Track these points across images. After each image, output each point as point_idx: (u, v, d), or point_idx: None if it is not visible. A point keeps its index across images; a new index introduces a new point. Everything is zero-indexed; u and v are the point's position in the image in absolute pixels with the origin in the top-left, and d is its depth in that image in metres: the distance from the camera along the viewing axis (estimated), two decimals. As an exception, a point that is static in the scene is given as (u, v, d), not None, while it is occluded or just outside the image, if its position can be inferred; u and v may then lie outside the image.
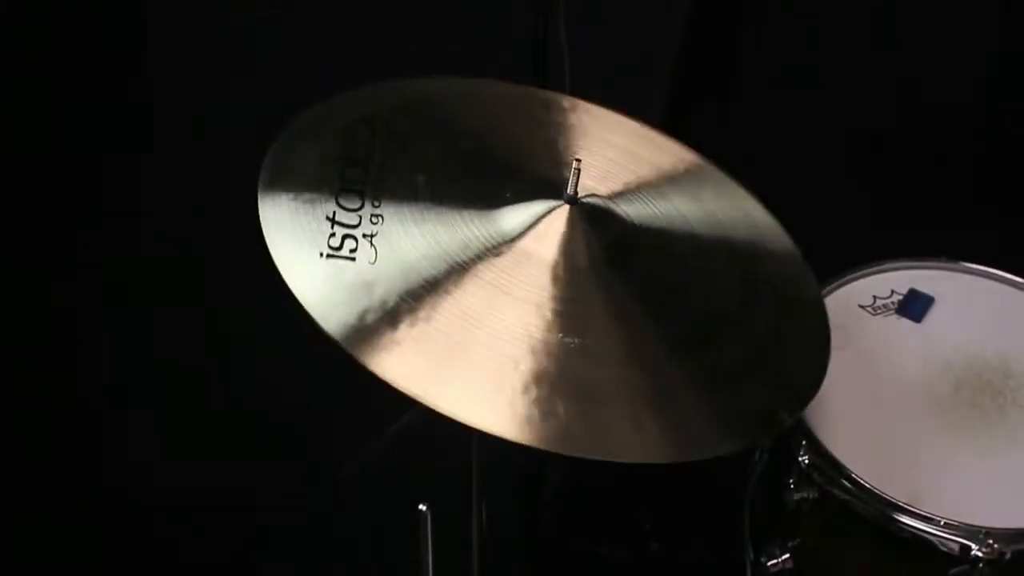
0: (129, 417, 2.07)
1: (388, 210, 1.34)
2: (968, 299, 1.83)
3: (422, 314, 1.25)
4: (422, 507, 1.41)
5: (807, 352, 1.41)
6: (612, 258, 1.36)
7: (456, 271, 1.29)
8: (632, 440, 1.23)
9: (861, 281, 1.84)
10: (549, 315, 1.29)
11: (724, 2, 2.59)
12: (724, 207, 1.52)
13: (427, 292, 1.27)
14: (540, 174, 1.43)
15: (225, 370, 2.18)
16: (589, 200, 1.40)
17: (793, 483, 1.64)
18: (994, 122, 2.36)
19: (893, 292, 1.83)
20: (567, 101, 1.58)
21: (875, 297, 1.82)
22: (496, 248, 1.33)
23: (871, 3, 2.43)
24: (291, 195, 1.33)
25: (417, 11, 2.15)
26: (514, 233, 1.34)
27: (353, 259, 1.28)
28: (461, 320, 1.26)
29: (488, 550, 1.64)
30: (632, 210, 1.45)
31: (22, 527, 2.02)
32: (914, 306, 1.81)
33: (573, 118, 1.55)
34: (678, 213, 1.47)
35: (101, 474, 2.06)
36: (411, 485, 2.12)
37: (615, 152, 1.51)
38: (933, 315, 1.81)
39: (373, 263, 1.28)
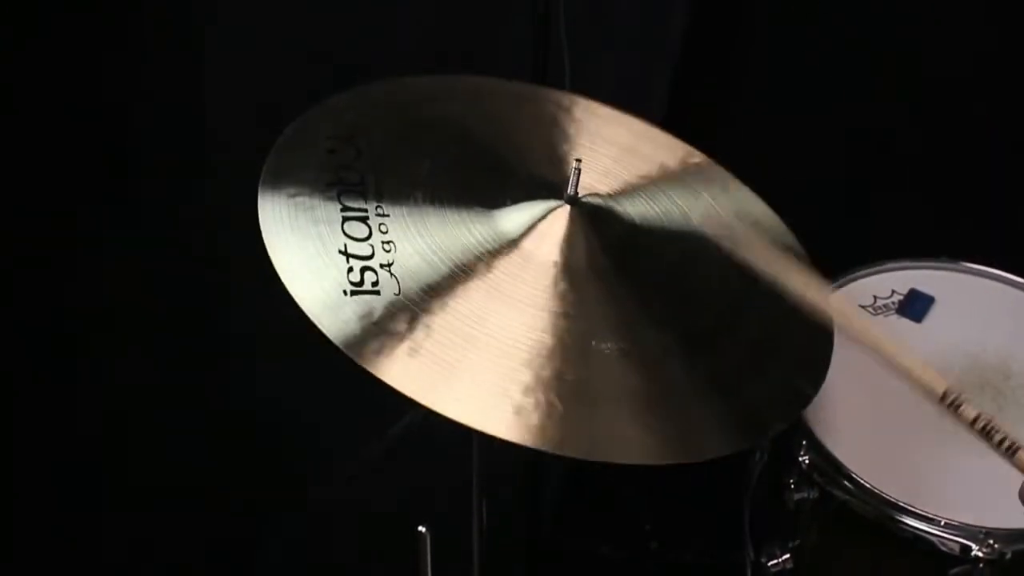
0: (129, 416, 2.07)
1: (396, 233, 1.30)
2: (968, 299, 1.83)
3: (425, 320, 1.22)
4: (421, 529, 1.40)
5: (811, 344, 1.40)
6: (612, 258, 1.35)
7: (459, 275, 1.27)
8: (634, 441, 1.21)
9: (861, 281, 1.84)
10: (550, 317, 1.27)
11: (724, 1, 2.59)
12: (724, 204, 1.51)
13: (431, 297, 1.25)
14: (541, 172, 1.42)
15: (225, 370, 2.18)
16: (589, 200, 1.39)
17: (793, 483, 1.63)
18: (994, 122, 2.35)
19: (893, 292, 1.83)
20: (567, 98, 1.56)
21: (875, 297, 1.82)
22: (497, 250, 1.31)
23: (871, 3, 2.43)
24: (297, 229, 1.29)
25: (415, 9, 2.15)
26: (514, 234, 1.33)
27: (378, 292, 1.25)
28: (462, 325, 1.24)
29: (488, 550, 1.64)
30: (633, 208, 1.44)
31: (21, 526, 2.02)
32: (914, 306, 1.81)
33: (573, 116, 1.53)
34: (678, 210, 1.47)
35: (101, 474, 2.06)
36: (411, 485, 2.12)
37: (617, 150, 1.49)
38: (933, 315, 1.81)
39: (398, 295, 1.25)
